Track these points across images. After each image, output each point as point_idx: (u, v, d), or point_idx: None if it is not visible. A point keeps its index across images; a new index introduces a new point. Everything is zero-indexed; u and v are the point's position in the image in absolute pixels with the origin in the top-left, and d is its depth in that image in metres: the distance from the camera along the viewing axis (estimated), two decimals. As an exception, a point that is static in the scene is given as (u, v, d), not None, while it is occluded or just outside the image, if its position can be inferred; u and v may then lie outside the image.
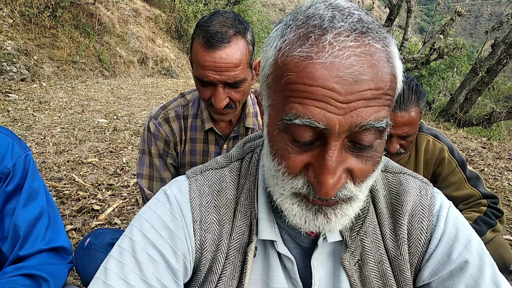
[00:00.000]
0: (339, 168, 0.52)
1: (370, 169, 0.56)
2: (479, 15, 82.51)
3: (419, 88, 1.44)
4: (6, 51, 6.89)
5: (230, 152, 0.80)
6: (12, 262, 1.01)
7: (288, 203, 0.60)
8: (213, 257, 0.71)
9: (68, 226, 2.34)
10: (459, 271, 0.67)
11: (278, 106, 0.55)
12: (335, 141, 0.51)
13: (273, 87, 0.56)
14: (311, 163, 0.54)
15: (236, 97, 1.30)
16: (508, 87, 18.33)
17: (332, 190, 0.52)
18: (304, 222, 0.59)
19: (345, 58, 0.48)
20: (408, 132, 1.42)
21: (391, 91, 0.53)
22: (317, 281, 0.70)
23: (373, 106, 0.50)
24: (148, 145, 1.47)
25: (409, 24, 10.21)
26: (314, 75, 0.49)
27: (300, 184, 0.56)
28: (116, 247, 0.69)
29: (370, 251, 0.70)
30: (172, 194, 0.73)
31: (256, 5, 21.19)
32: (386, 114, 0.52)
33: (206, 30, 1.22)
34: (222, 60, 1.20)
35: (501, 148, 4.92)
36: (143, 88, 8.45)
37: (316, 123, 0.49)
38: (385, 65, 0.51)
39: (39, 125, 4.56)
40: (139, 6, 12.85)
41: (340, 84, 0.48)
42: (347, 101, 0.49)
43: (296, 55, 0.51)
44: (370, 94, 0.49)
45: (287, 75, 0.52)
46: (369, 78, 0.49)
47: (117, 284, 0.63)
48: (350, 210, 0.59)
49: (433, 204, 0.72)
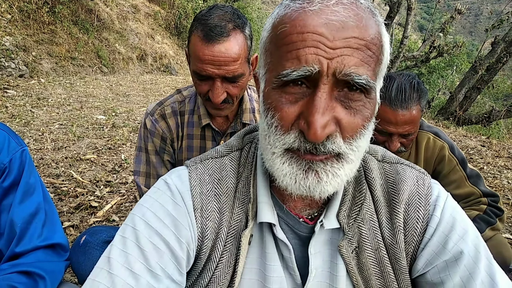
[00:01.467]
0: (328, 112, 0.55)
1: (359, 123, 0.58)
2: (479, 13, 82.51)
3: (421, 86, 1.43)
4: (5, 47, 6.86)
5: (230, 141, 0.80)
6: (8, 258, 1.00)
7: (279, 162, 0.61)
8: (213, 245, 0.70)
9: (66, 223, 2.33)
10: (454, 262, 0.66)
11: (274, 66, 0.59)
12: (324, 84, 0.55)
13: (269, 49, 0.62)
14: (302, 112, 0.57)
15: (233, 92, 1.29)
16: (507, 85, 18.35)
17: (321, 131, 0.54)
18: (294, 182, 0.60)
19: (333, 5, 0.55)
20: (409, 130, 1.41)
21: (374, 47, 0.56)
22: (314, 269, 0.70)
23: (356, 57, 0.54)
24: (144, 142, 1.46)
25: (409, 22, 10.19)
26: (305, 22, 0.55)
27: (292, 138, 0.58)
28: (118, 237, 0.68)
29: (367, 238, 0.70)
30: (173, 183, 0.73)
31: (256, 2, 21.13)
32: (366, 71, 0.55)
33: (205, 23, 1.20)
34: (221, 54, 1.19)
35: (500, 146, 4.92)
36: (142, 84, 8.43)
37: (311, 68, 0.54)
38: (369, 18, 0.57)
39: (37, 122, 4.54)
40: (138, 2, 12.81)
41: (328, 29, 0.54)
42: (334, 46, 0.53)
43: (289, 10, 0.58)
44: (354, 42, 0.54)
45: (281, 28, 0.58)
46: (354, 24, 0.54)
47: (122, 273, 0.62)
48: (342, 170, 0.60)
49: (430, 194, 0.72)
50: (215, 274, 0.70)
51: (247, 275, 0.72)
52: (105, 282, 0.62)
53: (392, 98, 1.37)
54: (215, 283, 0.70)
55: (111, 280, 0.62)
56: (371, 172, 0.74)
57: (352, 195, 0.73)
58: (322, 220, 0.69)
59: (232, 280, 0.70)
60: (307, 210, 0.73)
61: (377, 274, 0.70)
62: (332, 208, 0.70)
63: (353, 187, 0.73)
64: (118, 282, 0.61)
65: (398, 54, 10.32)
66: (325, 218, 0.70)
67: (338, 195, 0.72)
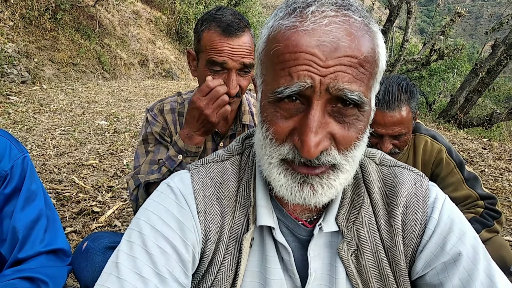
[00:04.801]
0: (322, 130, 0.56)
1: (353, 136, 0.59)
2: (479, 16, 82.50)
3: (410, 87, 1.44)
4: (7, 54, 6.91)
5: (231, 145, 0.81)
6: (11, 264, 1.01)
7: (275, 173, 0.62)
8: (215, 248, 0.71)
9: (68, 228, 2.34)
10: (453, 263, 0.67)
11: (270, 80, 0.61)
12: (317, 100, 0.56)
13: (264, 62, 0.63)
14: (296, 128, 0.58)
15: (244, 84, 1.35)
16: (508, 87, 18.32)
17: (314, 149, 0.55)
18: (290, 193, 0.62)
19: (325, 25, 0.55)
20: (400, 131, 1.42)
21: (368, 65, 0.57)
22: (313, 272, 0.70)
23: (349, 73, 0.55)
24: (145, 131, 1.48)
25: (409, 25, 10.21)
26: (298, 42, 0.55)
27: (286, 150, 0.60)
28: (124, 241, 0.68)
29: (366, 241, 0.71)
30: (176, 186, 0.73)
31: (256, 7, 21.23)
32: (359, 87, 0.56)
33: (221, 19, 1.30)
34: (240, 47, 1.29)
35: (502, 149, 4.91)
36: (144, 90, 8.46)
37: (303, 83, 0.55)
38: (362, 35, 0.57)
39: (40, 127, 4.56)
40: (139, 8, 12.88)
41: (321, 50, 0.54)
42: (326, 66, 0.54)
43: (283, 27, 0.58)
44: (347, 60, 0.55)
45: (274, 46, 0.59)
46: (346, 45, 0.55)
47: (131, 278, 0.63)
48: (337, 181, 0.61)
49: (428, 196, 0.72)
50: (217, 277, 0.70)
51: (248, 278, 0.72)
52: (114, 287, 0.62)
53: (380, 99, 1.39)
54: (217, 286, 0.70)
55: (120, 285, 0.62)
56: (369, 175, 0.75)
57: (351, 198, 0.74)
58: (321, 223, 0.70)
59: (233, 283, 0.71)
60: (306, 213, 0.74)
61: (376, 276, 0.70)
62: (331, 211, 0.71)
63: (351, 190, 0.74)
64: (127, 286, 0.62)
65: (398, 57, 10.34)
66: (324, 222, 0.70)
67: (336, 198, 0.72)
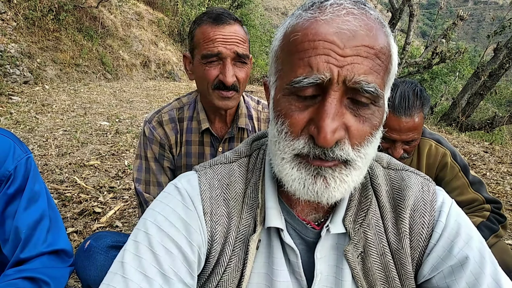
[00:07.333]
0: (338, 118, 0.57)
1: (367, 130, 0.60)
2: (481, 19, 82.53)
3: (423, 93, 1.44)
4: (10, 54, 6.93)
5: (239, 147, 0.82)
6: (13, 264, 1.01)
7: (288, 168, 0.62)
8: (221, 249, 0.71)
9: (70, 229, 2.34)
10: (460, 267, 0.66)
11: (286, 72, 0.61)
12: (335, 91, 0.56)
13: (281, 57, 0.63)
14: (313, 118, 0.58)
15: (241, 75, 1.35)
16: (510, 91, 18.28)
17: (331, 136, 0.55)
18: (302, 187, 0.61)
19: (344, 15, 0.57)
20: (413, 137, 1.42)
21: (384, 56, 0.58)
22: (319, 273, 0.70)
23: (365, 65, 0.56)
24: (144, 150, 1.48)
25: (411, 28, 10.22)
26: (317, 31, 0.56)
27: (301, 144, 0.60)
28: (131, 241, 0.68)
29: (373, 243, 0.71)
30: (183, 187, 0.74)
31: (259, 9, 21.28)
32: (375, 79, 0.57)
33: (211, 13, 1.32)
34: (231, 34, 1.30)
35: (503, 152, 4.90)
36: (146, 91, 8.47)
37: (322, 76, 0.55)
38: (379, 28, 0.59)
39: (42, 128, 4.57)
40: (142, 9, 12.92)
41: (339, 37, 0.55)
42: (344, 54, 0.55)
43: (301, 19, 0.60)
44: (364, 50, 0.56)
45: (293, 36, 0.59)
46: (364, 33, 0.56)
47: (136, 278, 0.63)
48: (349, 177, 0.61)
49: (435, 200, 0.72)
50: (223, 278, 0.70)
51: (255, 280, 0.72)
52: (119, 287, 0.62)
53: (396, 105, 1.38)
54: (223, 287, 0.70)
55: (126, 284, 0.62)
56: (377, 178, 0.75)
57: (358, 200, 0.74)
58: (328, 225, 0.70)
59: (239, 285, 0.71)
60: (313, 214, 0.74)
61: (382, 279, 0.70)
62: (338, 213, 0.71)
63: (359, 193, 0.74)
64: (132, 286, 0.62)
65: (400, 60, 10.32)
66: (331, 223, 0.70)
67: (344, 200, 0.72)
